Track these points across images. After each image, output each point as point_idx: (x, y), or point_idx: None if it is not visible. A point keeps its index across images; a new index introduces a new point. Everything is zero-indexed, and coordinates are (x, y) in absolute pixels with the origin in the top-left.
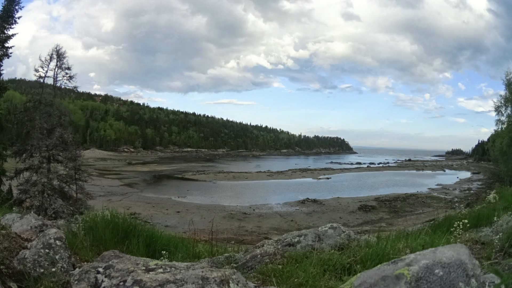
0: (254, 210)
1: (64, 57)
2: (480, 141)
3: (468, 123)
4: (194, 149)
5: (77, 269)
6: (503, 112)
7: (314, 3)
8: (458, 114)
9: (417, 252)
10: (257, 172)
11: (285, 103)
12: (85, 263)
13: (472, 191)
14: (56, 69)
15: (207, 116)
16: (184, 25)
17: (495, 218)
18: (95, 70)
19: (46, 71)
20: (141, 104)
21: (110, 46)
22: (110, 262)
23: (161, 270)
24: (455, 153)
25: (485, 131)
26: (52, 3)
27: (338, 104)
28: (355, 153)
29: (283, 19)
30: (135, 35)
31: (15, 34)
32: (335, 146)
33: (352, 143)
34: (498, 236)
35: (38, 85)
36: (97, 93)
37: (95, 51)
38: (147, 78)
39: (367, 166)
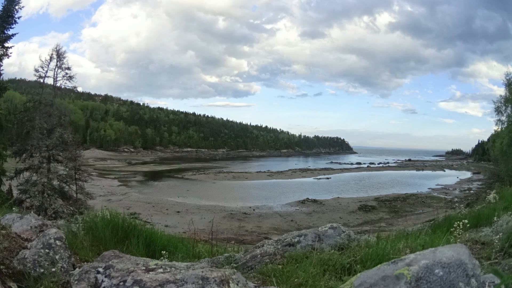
0: (254, 210)
1: (64, 57)
2: (480, 141)
3: (457, 123)
4: (194, 149)
5: (77, 269)
6: (503, 112)
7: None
8: (442, 115)
9: (417, 252)
10: (257, 172)
11: (270, 106)
12: (85, 263)
13: (472, 191)
14: (56, 69)
15: (207, 116)
16: (178, 57)
17: (495, 218)
18: (107, 85)
19: (46, 71)
20: (141, 104)
21: (121, 69)
22: (110, 262)
23: (161, 270)
24: (455, 153)
25: (477, 131)
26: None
27: (318, 107)
28: (355, 153)
29: (248, 56)
30: (141, 64)
31: (15, 34)
32: (335, 146)
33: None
34: (498, 236)
35: (38, 85)
36: (97, 93)
37: (104, 72)
38: (148, 88)
39: (367, 166)
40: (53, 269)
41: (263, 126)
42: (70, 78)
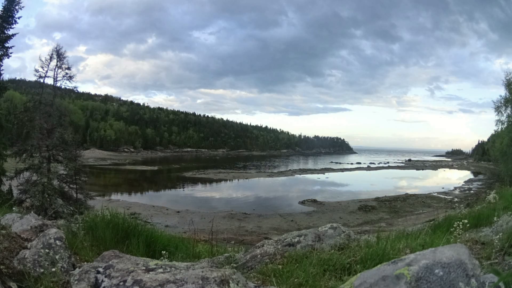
0: (254, 209)
1: (64, 57)
2: (480, 141)
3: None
4: (194, 149)
5: (77, 269)
6: (503, 112)
7: None
8: None
9: (417, 252)
10: (257, 172)
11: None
12: (85, 263)
13: (472, 191)
14: (56, 69)
15: (207, 116)
16: None
17: (495, 218)
18: None
19: (46, 71)
20: (141, 104)
21: None
22: (110, 262)
23: (161, 270)
24: (455, 153)
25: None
26: None
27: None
28: (355, 153)
29: None
30: None
31: (15, 34)
32: (335, 146)
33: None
34: (498, 236)
35: (38, 85)
36: (97, 93)
37: None
38: None
39: (367, 166)
40: (53, 269)
41: (263, 126)
42: (70, 78)
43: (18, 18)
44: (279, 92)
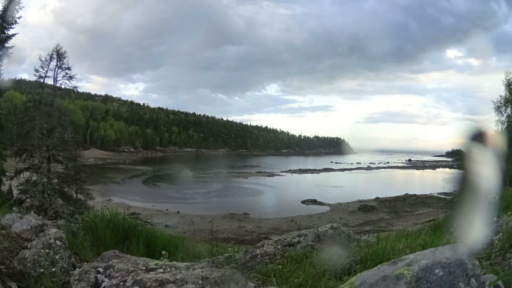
0: (254, 209)
1: (64, 57)
2: None
3: None
4: (194, 149)
5: (77, 269)
6: (503, 112)
7: None
8: None
9: (417, 252)
10: (257, 172)
11: None
12: (85, 263)
13: None
14: (56, 69)
15: (207, 116)
16: None
17: (495, 218)
18: None
19: (46, 71)
20: (141, 104)
21: None
22: (110, 262)
23: (161, 270)
24: (455, 154)
25: None
26: None
27: None
28: (355, 153)
29: None
30: None
31: (15, 34)
32: (335, 146)
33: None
34: (498, 236)
35: (38, 85)
36: (98, 93)
37: None
38: None
39: (367, 167)
40: (53, 269)
41: (263, 126)
42: (70, 78)
43: (18, 18)
44: None
